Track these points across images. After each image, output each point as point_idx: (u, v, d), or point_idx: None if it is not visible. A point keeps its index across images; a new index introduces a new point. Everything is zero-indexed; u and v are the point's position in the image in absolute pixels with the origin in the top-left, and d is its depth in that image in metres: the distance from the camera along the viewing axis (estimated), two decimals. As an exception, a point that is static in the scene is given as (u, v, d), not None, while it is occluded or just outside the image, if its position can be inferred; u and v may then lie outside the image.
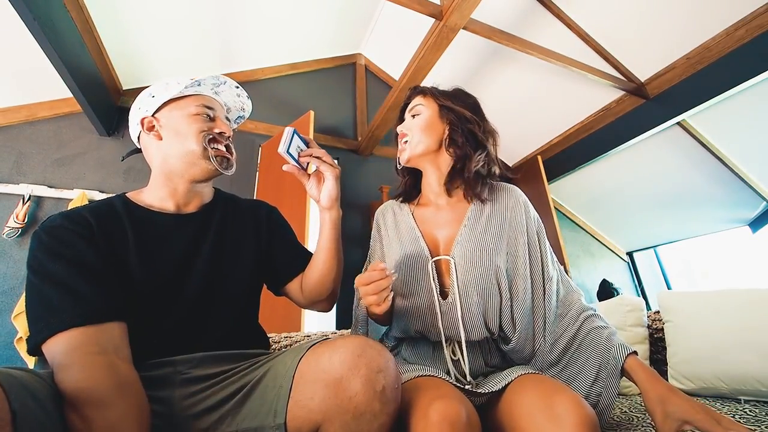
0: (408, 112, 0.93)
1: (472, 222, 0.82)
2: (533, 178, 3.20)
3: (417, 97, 0.93)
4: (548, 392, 0.60)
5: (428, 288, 0.79)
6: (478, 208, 0.85)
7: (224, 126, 0.77)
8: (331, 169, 0.78)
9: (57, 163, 2.21)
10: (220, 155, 0.74)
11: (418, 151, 0.87)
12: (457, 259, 0.78)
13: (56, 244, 0.59)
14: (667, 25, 2.17)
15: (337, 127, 3.19)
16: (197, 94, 0.77)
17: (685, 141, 2.67)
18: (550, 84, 2.77)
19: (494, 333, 0.78)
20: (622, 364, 0.67)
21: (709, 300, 1.07)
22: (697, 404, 0.58)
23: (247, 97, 0.87)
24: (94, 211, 0.66)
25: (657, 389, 0.62)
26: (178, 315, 0.66)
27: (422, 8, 1.84)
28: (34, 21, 1.45)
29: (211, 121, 0.76)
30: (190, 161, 0.72)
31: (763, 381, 0.89)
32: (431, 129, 0.87)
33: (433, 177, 0.90)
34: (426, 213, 0.90)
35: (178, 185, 0.74)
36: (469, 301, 0.76)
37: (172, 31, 2.30)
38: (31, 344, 0.53)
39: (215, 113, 0.77)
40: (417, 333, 0.82)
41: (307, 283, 0.84)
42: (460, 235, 0.81)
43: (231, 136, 0.79)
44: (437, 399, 0.56)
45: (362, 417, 0.49)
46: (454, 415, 0.54)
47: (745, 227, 3.15)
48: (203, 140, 0.72)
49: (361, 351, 0.52)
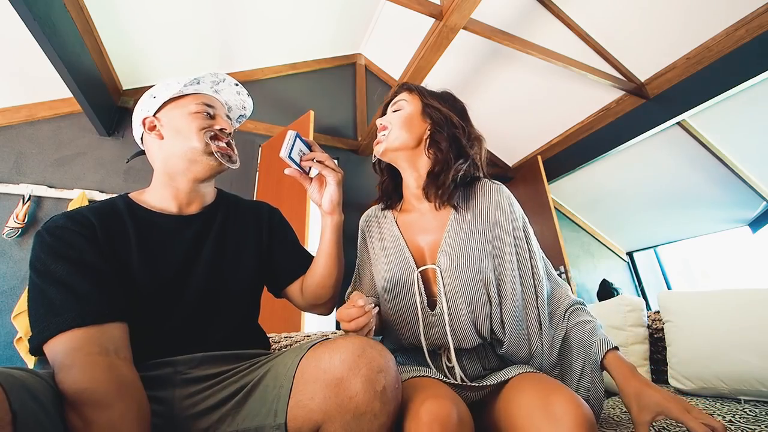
0: (391, 107, 0.92)
1: (456, 227, 0.81)
2: (533, 178, 3.20)
3: (403, 93, 0.92)
4: (546, 391, 0.60)
5: (414, 301, 0.79)
6: (460, 212, 0.83)
7: (225, 123, 0.76)
8: (333, 174, 0.76)
9: (57, 163, 2.21)
10: (221, 151, 0.74)
11: (395, 145, 0.85)
12: (443, 268, 0.78)
13: (59, 244, 0.59)
14: (667, 25, 2.17)
15: (337, 127, 3.19)
16: (197, 92, 0.77)
17: (685, 141, 2.67)
18: (550, 84, 2.77)
19: (487, 338, 0.78)
20: (601, 360, 0.68)
21: (709, 300, 1.07)
22: (669, 395, 0.59)
23: (248, 95, 0.86)
24: (96, 212, 0.66)
25: (632, 384, 0.63)
26: (180, 316, 0.66)
27: (422, 8, 1.84)
28: (34, 21, 1.45)
29: (211, 118, 0.75)
30: (192, 158, 0.72)
31: (763, 381, 0.89)
32: (411, 125, 0.86)
33: (411, 179, 0.88)
34: (409, 219, 0.88)
35: (180, 185, 0.74)
36: (457, 310, 0.76)
37: (172, 31, 2.30)
38: (33, 344, 0.53)
39: (215, 111, 0.77)
40: (409, 345, 0.82)
41: (307, 287, 0.83)
42: (444, 241, 0.80)
43: (232, 134, 0.78)
44: (429, 399, 0.57)
45: (363, 417, 0.49)
46: (445, 415, 0.54)
47: (745, 227, 3.15)
48: (205, 137, 0.72)
49: (362, 351, 0.52)
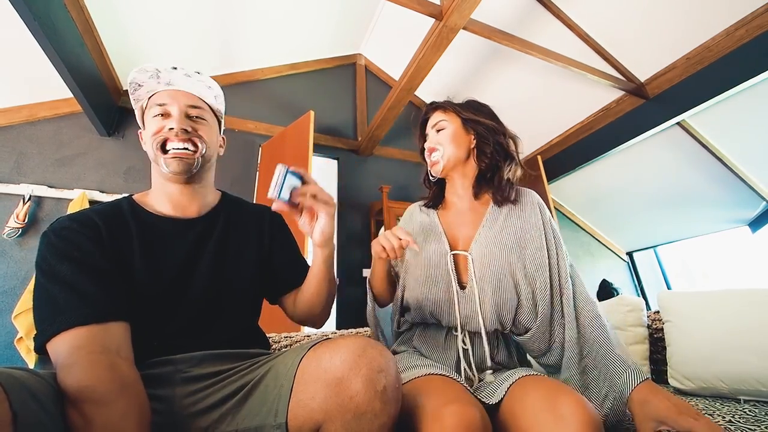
0: (432, 128, 0.97)
1: (490, 223, 0.88)
2: (533, 178, 3.19)
3: (437, 113, 0.97)
4: (552, 393, 0.60)
5: (447, 279, 0.85)
6: (496, 210, 0.90)
7: (175, 120, 0.70)
8: (325, 207, 0.71)
9: (57, 163, 2.21)
10: (175, 156, 0.69)
11: (452, 163, 0.93)
12: (475, 256, 0.84)
13: (64, 245, 0.60)
14: (667, 25, 2.17)
15: (337, 127, 3.19)
16: (151, 92, 0.72)
17: (685, 141, 2.67)
18: (550, 84, 2.77)
19: (506, 327, 0.82)
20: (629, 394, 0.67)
21: (709, 300, 1.07)
22: (675, 404, 0.58)
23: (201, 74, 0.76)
24: (101, 214, 0.67)
25: (640, 392, 0.63)
26: (182, 318, 0.67)
27: (422, 8, 1.84)
28: (34, 21, 1.46)
29: (164, 118, 0.71)
30: (156, 165, 0.72)
31: (763, 381, 0.89)
32: (459, 141, 0.93)
33: (459, 184, 0.96)
34: (449, 215, 0.96)
35: (168, 189, 0.74)
36: (483, 295, 0.81)
37: (172, 31, 2.31)
38: (37, 342, 0.54)
39: (166, 108, 0.71)
40: (434, 319, 0.86)
41: (299, 301, 0.83)
42: (479, 234, 0.87)
43: (193, 127, 0.72)
44: (452, 403, 0.56)
45: (363, 416, 0.49)
46: (471, 420, 0.54)
47: (745, 227, 3.15)
48: (154, 146, 0.70)
49: (362, 351, 0.52)
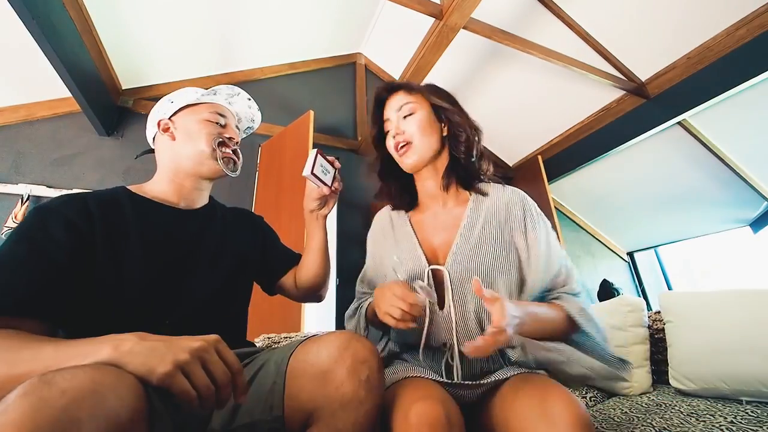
0: (396, 112, 0.84)
1: (467, 231, 0.78)
2: (533, 178, 3.19)
3: (400, 94, 0.85)
4: (542, 392, 0.59)
5: None
6: (474, 213, 0.81)
7: (233, 132, 0.83)
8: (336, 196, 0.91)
9: (56, 162, 2.20)
10: (226, 157, 0.80)
11: (428, 156, 0.81)
12: (452, 273, 0.75)
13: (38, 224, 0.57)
14: (668, 24, 2.17)
15: (337, 127, 3.18)
16: (212, 102, 0.83)
17: (685, 141, 2.67)
18: (551, 84, 2.76)
19: None
20: None
21: (710, 300, 1.06)
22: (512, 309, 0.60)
23: (258, 110, 0.93)
24: (97, 200, 0.66)
25: None
26: (180, 313, 0.66)
27: (422, 8, 1.83)
28: (32, 21, 1.45)
29: (221, 127, 0.81)
30: (199, 161, 0.77)
31: (765, 381, 0.88)
32: (431, 130, 0.81)
33: (429, 180, 0.85)
34: (423, 218, 0.86)
35: (184, 182, 0.78)
36: (465, 312, 0.74)
37: (171, 30, 2.30)
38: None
39: (226, 120, 0.83)
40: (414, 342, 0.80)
41: (301, 278, 0.92)
42: (456, 245, 0.77)
43: (239, 143, 0.85)
44: (419, 400, 0.57)
45: (349, 404, 0.52)
46: (434, 417, 0.54)
47: (746, 227, 3.15)
48: (212, 142, 0.78)
49: (347, 344, 0.55)
